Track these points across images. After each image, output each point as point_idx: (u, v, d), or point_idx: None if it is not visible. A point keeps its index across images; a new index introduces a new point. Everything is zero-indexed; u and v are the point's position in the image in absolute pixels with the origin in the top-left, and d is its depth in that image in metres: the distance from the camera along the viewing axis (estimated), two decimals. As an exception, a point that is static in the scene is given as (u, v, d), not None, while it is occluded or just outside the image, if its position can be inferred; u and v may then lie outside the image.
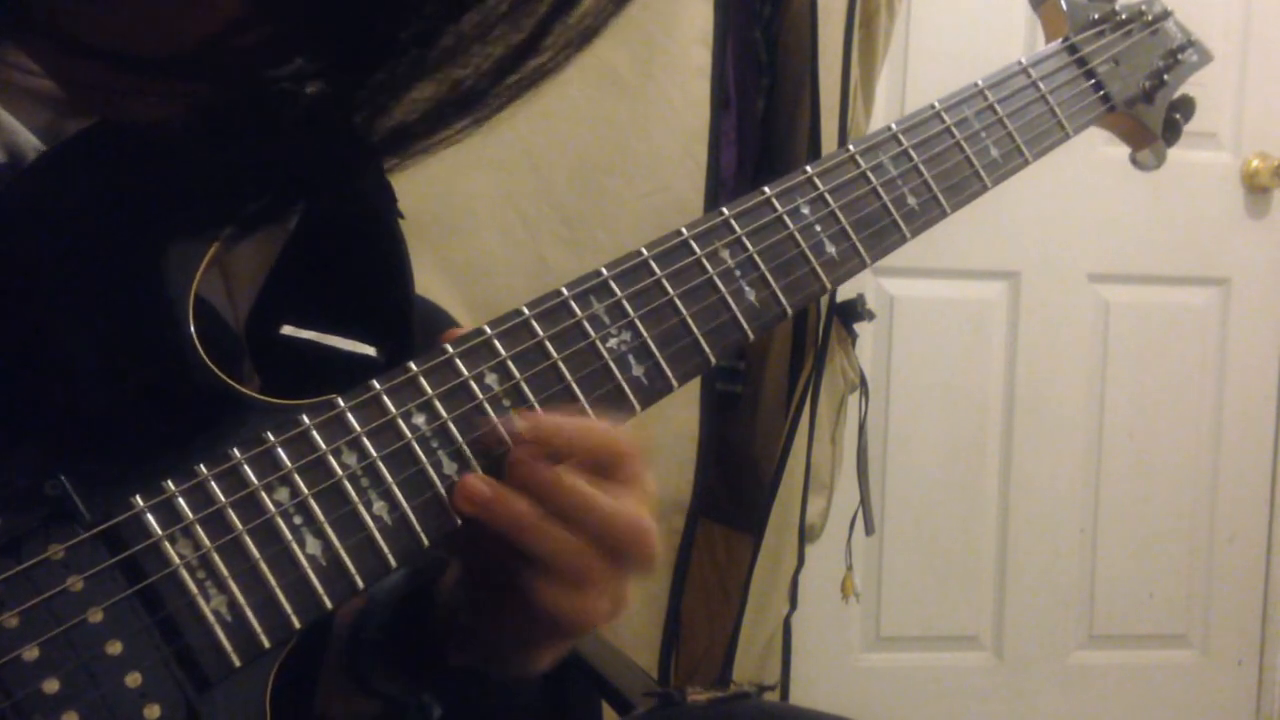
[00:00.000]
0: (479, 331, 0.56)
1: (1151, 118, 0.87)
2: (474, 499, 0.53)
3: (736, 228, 0.63)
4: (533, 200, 1.35)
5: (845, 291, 1.60)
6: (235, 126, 0.44)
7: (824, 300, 1.53)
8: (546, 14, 0.44)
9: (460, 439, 0.54)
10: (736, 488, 1.64)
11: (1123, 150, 0.93)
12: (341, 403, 0.52)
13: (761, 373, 1.64)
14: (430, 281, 1.27)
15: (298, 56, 0.42)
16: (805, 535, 1.63)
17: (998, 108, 0.75)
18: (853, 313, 1.63)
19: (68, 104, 0.52)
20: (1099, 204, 2.16)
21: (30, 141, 0.53)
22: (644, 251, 0.61)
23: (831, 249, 0.66)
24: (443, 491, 0.53)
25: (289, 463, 0.51)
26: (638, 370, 0.59)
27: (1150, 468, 2.25)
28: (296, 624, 0.50)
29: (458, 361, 0.55)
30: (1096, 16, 0.84)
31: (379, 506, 0.52)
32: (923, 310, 2.15)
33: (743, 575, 1.56)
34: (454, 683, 0.67)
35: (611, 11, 0.45)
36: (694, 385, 1.38)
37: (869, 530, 1.78)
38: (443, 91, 0.44)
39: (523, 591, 0.54)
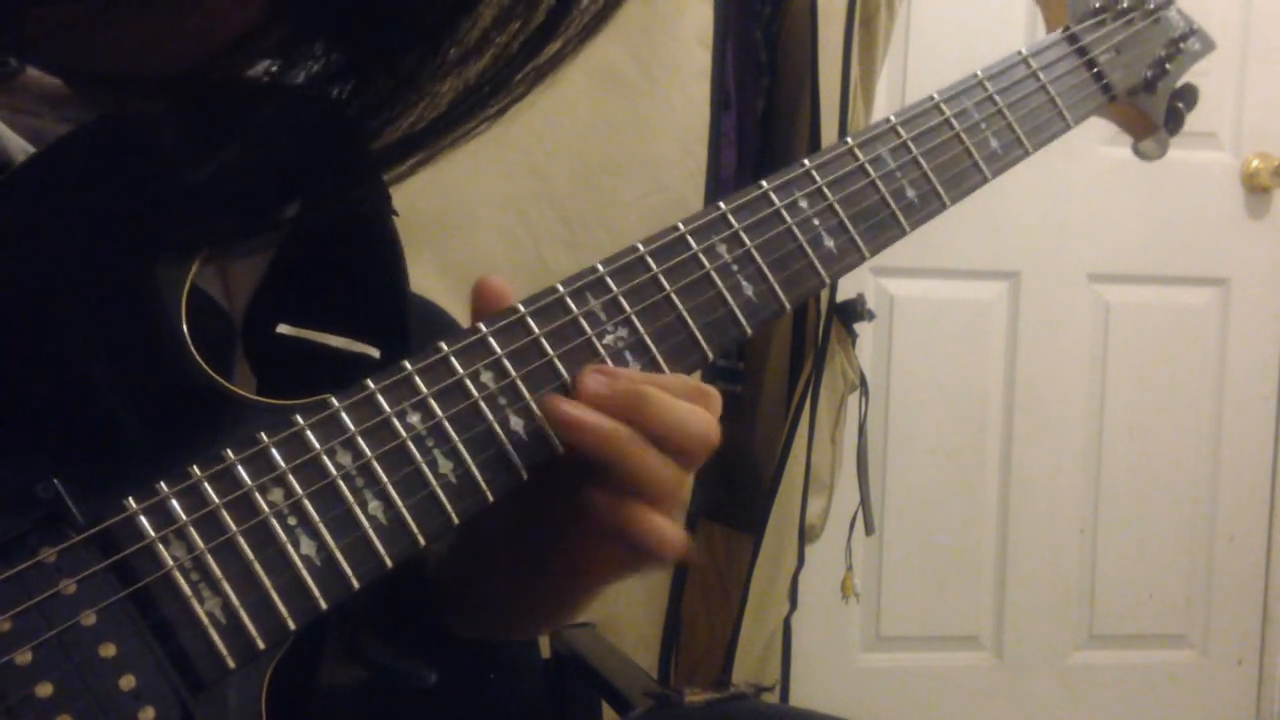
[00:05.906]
0: (474, 329, 0.56)
1: (1154, 107, 0.86)
2: (564, 420, 0.54)
3: (734, 222, 0.63)
4: (533, 201, 1.35)
5: (845, 291, 1.59)
6: (229, 127, 0.44)
7: (824, 300, 1.53)
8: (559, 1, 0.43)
9: (455, 437, 0.54)
10: (736, 488, 1.64)
11: (1123, 150, 0.92)
12: (335, 402, 0.52)
13: (761, 373, 1.63)
14: (430, 282, 1.27)
15: (314, 58, 0.42)
16: (805, 535, 1.63)
17: (997, 98, 0.74)
18: (853, 313, 1.63)
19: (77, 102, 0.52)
20: (1099, 204, 2.16)
21: (18, 144, 0.53)
22: (640, 247, 0.60)
23: (830, 243, 0.65)
24: (439, 491, 0.53)
25: (283, 463, 0.50)
26: (634, 367, 0.58)
27: (1150, 468, 2.25)
28: (291, 625, 0.49)
29: (453, 360, 0.55)
30: (1097, 5, 0.83)
31: (374, 506, 0.51)
32: (923, 310, 2.15)
33: (743, 575, 1.56)
34: (449, 651, 0.67)
35: None
36: (693, 385, 1.37)
37: (869, 530, 1.78)
38: (458, 88, 0.44)
39: (598, 516, 0.54)
